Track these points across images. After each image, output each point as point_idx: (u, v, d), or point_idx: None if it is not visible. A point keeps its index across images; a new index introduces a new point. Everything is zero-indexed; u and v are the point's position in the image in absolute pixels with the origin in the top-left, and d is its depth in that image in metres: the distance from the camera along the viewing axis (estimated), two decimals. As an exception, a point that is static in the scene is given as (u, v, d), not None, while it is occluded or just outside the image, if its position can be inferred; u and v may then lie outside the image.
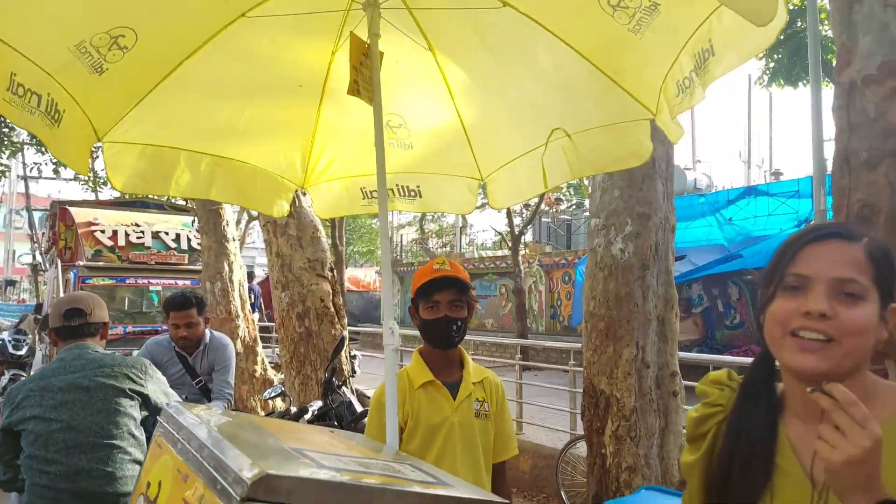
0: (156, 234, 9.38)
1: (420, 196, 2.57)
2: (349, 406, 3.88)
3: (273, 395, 4.27)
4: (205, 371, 3.35)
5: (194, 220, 9.07)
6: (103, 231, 9.03)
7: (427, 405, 1.88)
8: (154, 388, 2.27)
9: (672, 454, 3.78)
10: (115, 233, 9.06)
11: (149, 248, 9.22)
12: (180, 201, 10.68)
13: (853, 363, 0.90)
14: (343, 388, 4.12)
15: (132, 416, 2.18)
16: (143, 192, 2.46)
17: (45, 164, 16.44)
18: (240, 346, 7.05)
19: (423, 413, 1.87)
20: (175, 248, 9.43)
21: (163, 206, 10.46)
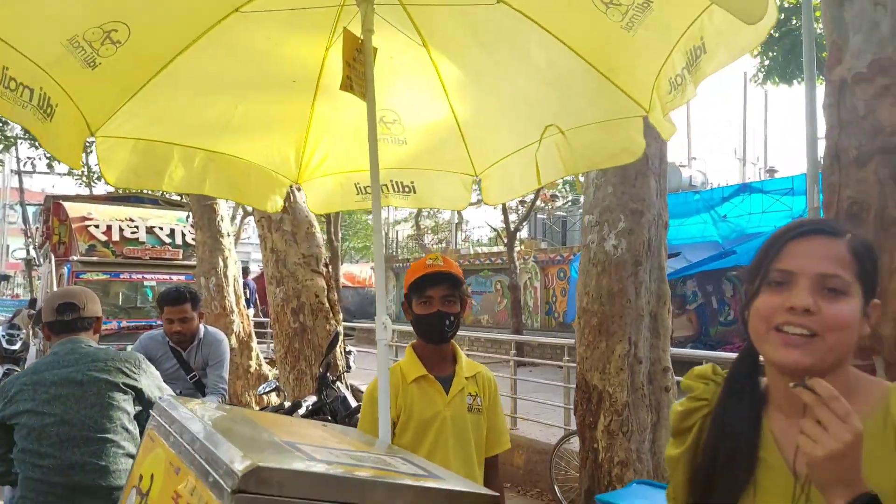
0: (150, 230, 9.35)
1: (414, 192, 2.57)
2: (343, 401, 3.90)
3: (267, 390, 4.28)
4: (199, 366, 3.35)
5: (189, 216, 9.04)
6: (97, 226, 9.00)
7: (420, 399, 1.88)
8: (148, 382, 2.28)
9: (664, 449, 3.80)
10: (109, 228, 9.04)
11: (143, 243, 9.20)
12: (175, 196, 10.64)
13: (836, 358, 0.91)
14: (337, 383, 4.13)
15: (126, 411, 2.18)
16: (136, 186, 2.46)
17: (39, 158, 16.38)
18: (234, 342, 7.04)
19: (415, 407, 1.87)
20: (169, 244, 9.41)
21: (157, 202, 10.43)
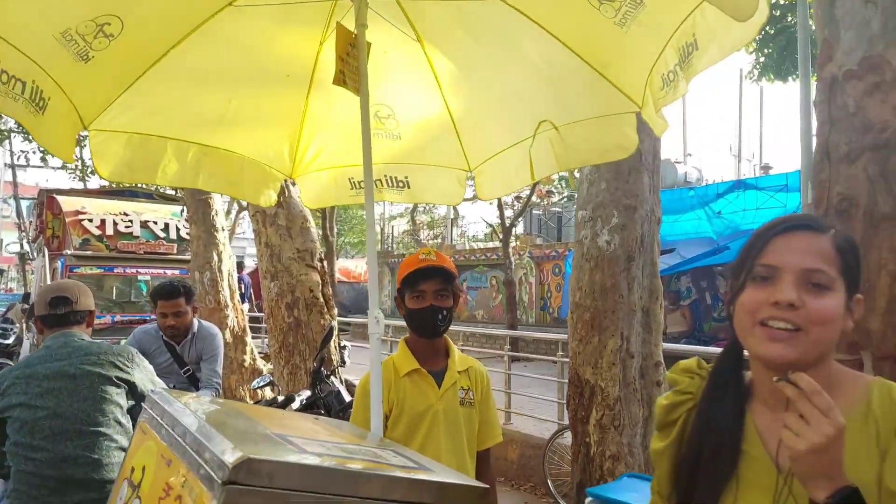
0: (144, 224, 9.33)
1: (408, 187, 2.57)
2: (337, 395, 3.90)
3: (262, 384, 4.27)
4: (193, 360, 3.35)
5: (183, 210, 9.02)
6: (91, 220, 8.97)
7: (412, 393, 1.89)
8: (141, 376, 2.28)
9: (656, 443, 3.84)
10: (103, 222, 9.01)
11: (137, 237, 9.17)
12: (169, 190, 10.61)
13: (820, 353, 0.92)
14: (332, 377, 4.14)
15: (118, 404, 2.19)
16: (129, 180, 2.45)
17: (33, 152, 16.28)
18: (229, 336, 7.04)
19: (407, 401, 1.88)
20: (164, 238, 9.39)
21: (152, 196, 10.40)
